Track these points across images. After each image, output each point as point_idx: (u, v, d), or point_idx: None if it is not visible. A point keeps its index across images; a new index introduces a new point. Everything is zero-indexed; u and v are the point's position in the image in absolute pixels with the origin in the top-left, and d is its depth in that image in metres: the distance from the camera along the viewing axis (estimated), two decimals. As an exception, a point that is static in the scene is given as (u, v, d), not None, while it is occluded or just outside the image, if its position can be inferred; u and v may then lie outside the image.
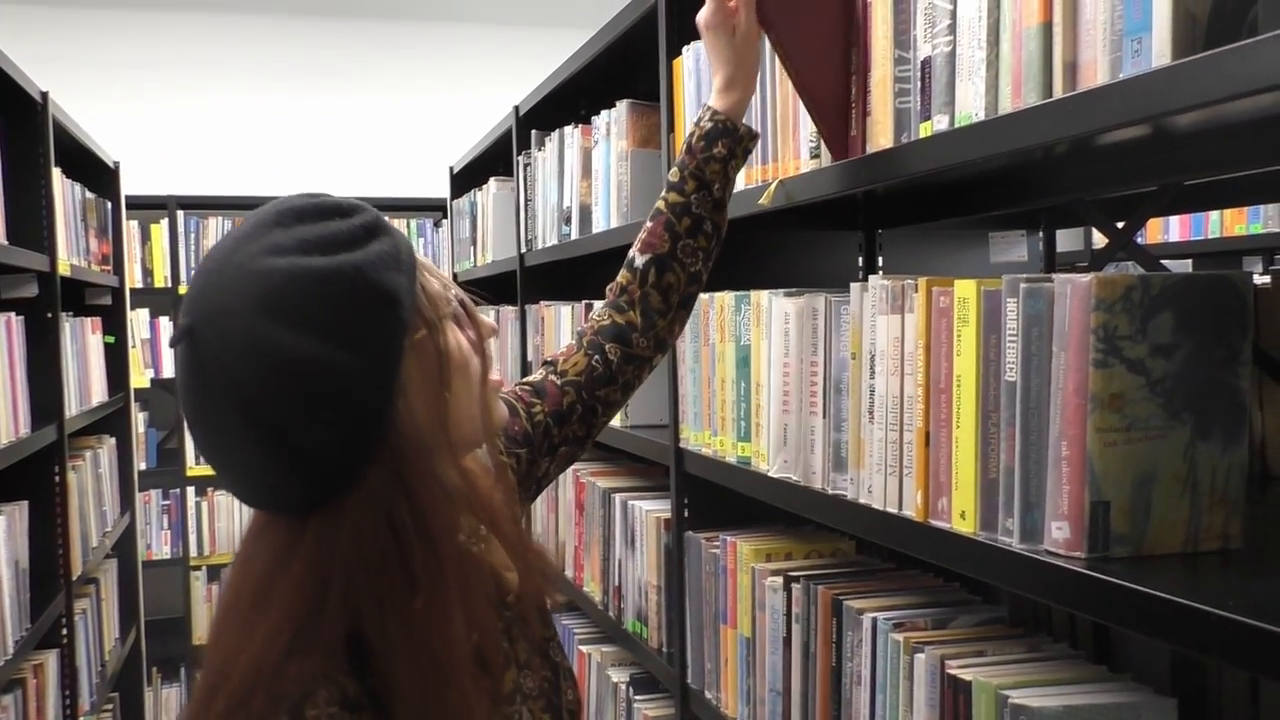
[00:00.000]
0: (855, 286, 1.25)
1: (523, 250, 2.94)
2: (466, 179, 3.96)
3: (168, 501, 4.62)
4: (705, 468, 1.74)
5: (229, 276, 0.83)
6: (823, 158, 1.33)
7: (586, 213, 2.38)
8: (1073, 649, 1.25)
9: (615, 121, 2.18)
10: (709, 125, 1.30)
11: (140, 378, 4.43)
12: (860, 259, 1.86)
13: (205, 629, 4.58)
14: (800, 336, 1.41)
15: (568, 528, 2.58)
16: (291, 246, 0.84)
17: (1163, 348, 0.93)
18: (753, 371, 1.56)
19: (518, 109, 2.96)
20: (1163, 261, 1.49)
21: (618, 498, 2.22)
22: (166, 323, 4.58)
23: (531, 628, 1.04)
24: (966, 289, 1.06)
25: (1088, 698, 1.07)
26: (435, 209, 4.80)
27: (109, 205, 3.79)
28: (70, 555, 2.75)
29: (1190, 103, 0.76)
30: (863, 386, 1.25)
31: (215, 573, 4.66)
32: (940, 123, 1.10)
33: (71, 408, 2.87)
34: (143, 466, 4.40)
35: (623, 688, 2.24)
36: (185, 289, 3.62)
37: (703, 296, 1.71)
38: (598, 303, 2.10)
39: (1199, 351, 0.94)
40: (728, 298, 1.62)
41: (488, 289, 3.75)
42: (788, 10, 1.26)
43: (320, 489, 0.84)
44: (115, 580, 3.72)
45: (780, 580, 1.52)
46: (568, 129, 2.47)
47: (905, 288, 1.16)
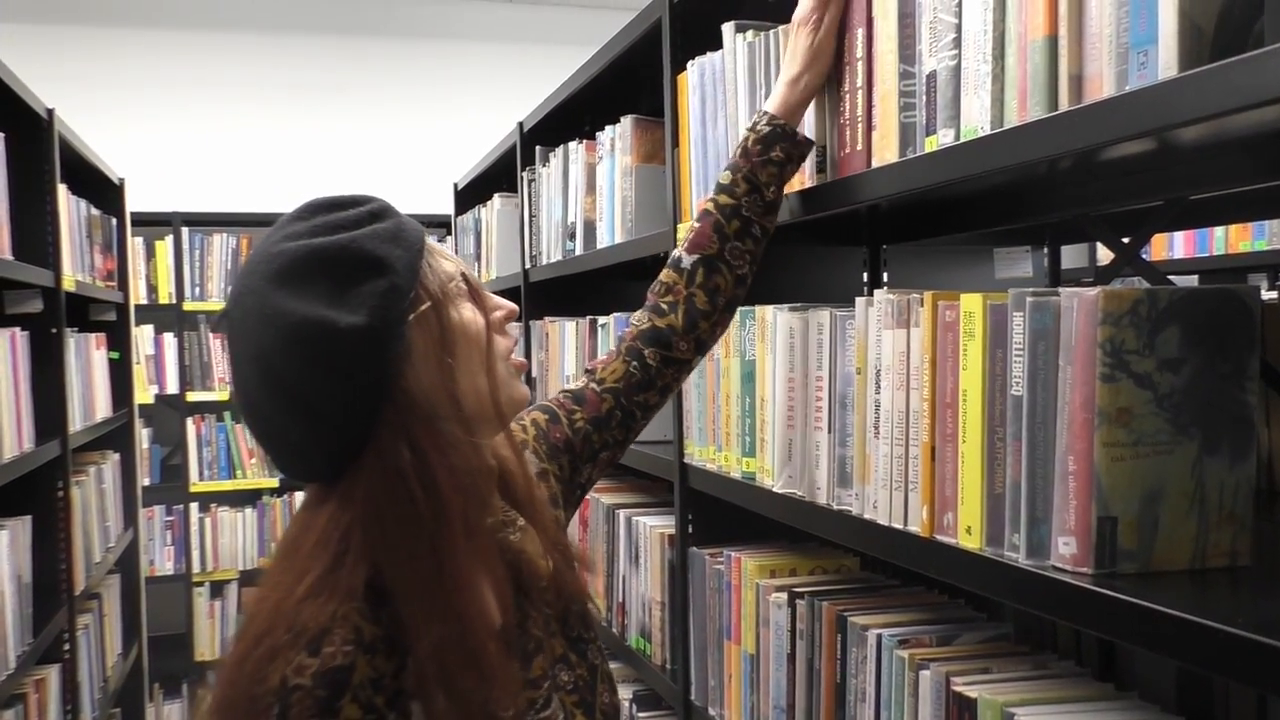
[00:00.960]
0: (860, 301, 1.25)
1: (527, 266, 2.94)
2: (471, 195, 3.96)
3: (171, 518, 4.61)
4: (710, 483, 1.73)
5: (253, 263, 0.95)
6: (828, 172, 1.33)
7: (591, 228, 2.38)
8: (1078, 666, 1.24)
9: (620, 137, 2.18)
10: (766, 129, 1.31)
11: (144, 394, 4.42)
12: (864, 274, 1.86)
13: (208, 645, 4.57)
14: (805, 351, 1.41)
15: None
16: (304, 232, 0.95)
17: (1170, 362, 0.93)
18: (757, 387, 1.56)
19: (522, 125, 2.97)
20: (1168, 278, 1.48)
21: (622, 514, 2.21)
22: (171, 339, 4.58)
23: (571, 625, 1.10)
24: (972, 303, 1.05)
25: (1094, 716, 1.07)
26: (440, 225, 4.81)
27: (114, 221, 3.80)
28: (73, 570, 2.74)
29: (1198, 115, 0.76)
30: (868, 401, 1.25)
31: (218, 589, 4.65)
32: (946, 137, 1.10)
33: (75, 423, 2.87)
34: (146, 482, 4.39)
35: (626, 705, 2.23)
36: (190, 305, 3.61)
37: (707, 311, 1.70)
38: (602, 317, 2.10)
39: (1206, 366, 0.94)
40: (732, 313, 1.62)
41: (492, 305, 3.75)
42: None
43: (340, 451, 0.93)
44: (118, 596, 3.71)
45: (784, 596, 1.51)
46: (572, 145, 2.47)
47: (911, 302, 1.15)
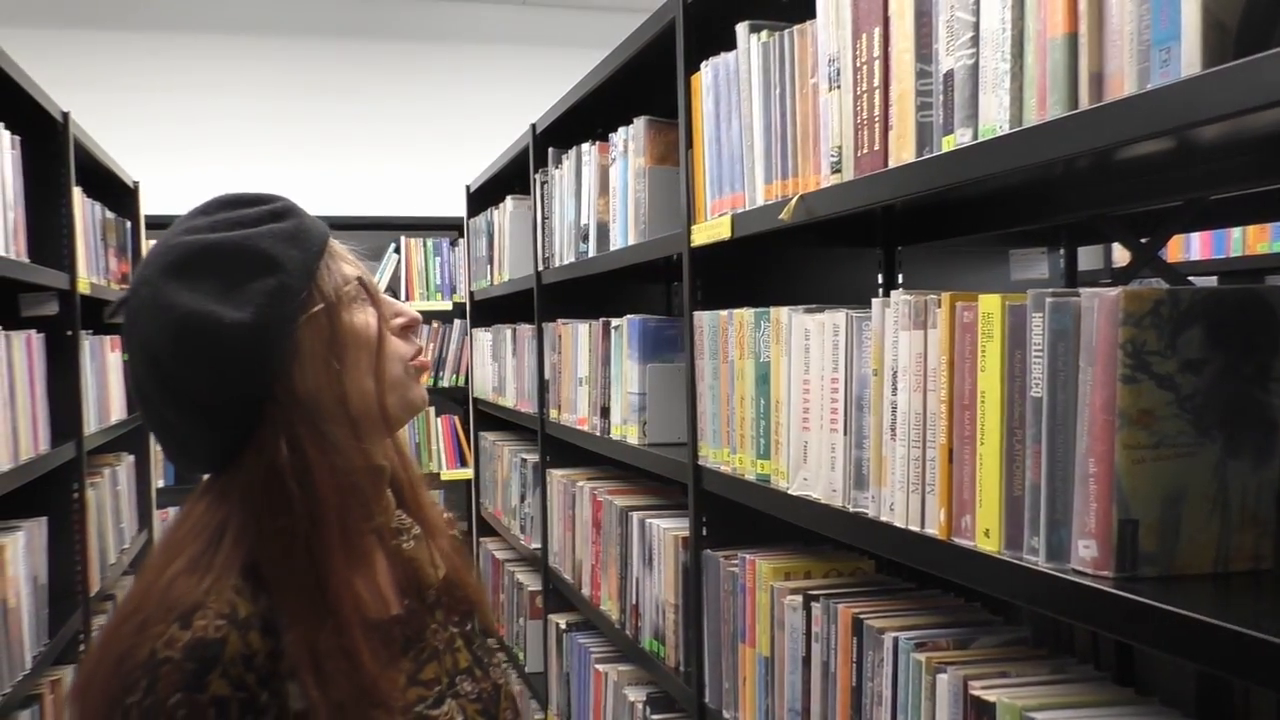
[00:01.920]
0: (877, 302, 1.24)
1: (540, 268, 2.94)
2: (483, 198, 3.97)
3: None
4: (724, 485, 1.73)
5: (152, 254, 0.97)
6: (844, 172, 1.33)
7: (604, 230, 2.38)
8: (1097, 670, 1.23)
9: (633, 138, 2.18)
10: None
11: (158, 395, 4.43)
12: (879, 276, 1.85)
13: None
14: (821, 353, 1.40)
15: (584, 546, 2.57)
16: (203, 227, 0.97)
17: (1192, 363, 0.92)
18: (772, 389, 1.55)
19: (535, 127, 2.97)
20: (1188, 279, 1.47)
21: (635, 516, 2.20)
22: (185, 341, 4.59)
23: (474, 641, 1.13)
24: (991, 304, 1.05)
25: (1115, 720, 1.06)
26: (452, 228, 4.81)
27: (128, 224, 3.82)
28: (88, 572, 2.75)
29: (1222, 112, 0.75)
30: (884, 403, 1.24)
31: (231, 591, 4.65)
32: (963, 136, 1.09)
33: (90, 425, 2.88)
34: (161, 484, 4.40)
35: (639, 707, 2.22)
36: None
37: (721, 313, 1.70)
38: (615, 319, 2.09)
39: (1229, 367, 0.93)
40: (747, 314, 1.61)
41: (504, 307, 3.78)
42: None
43: (222, 446, 0.96)
44: (132, 598, 3.72)
45: (800, 599, 1.51)
46: (585, 146, 2.47)
47: (928, 303, 1.15)
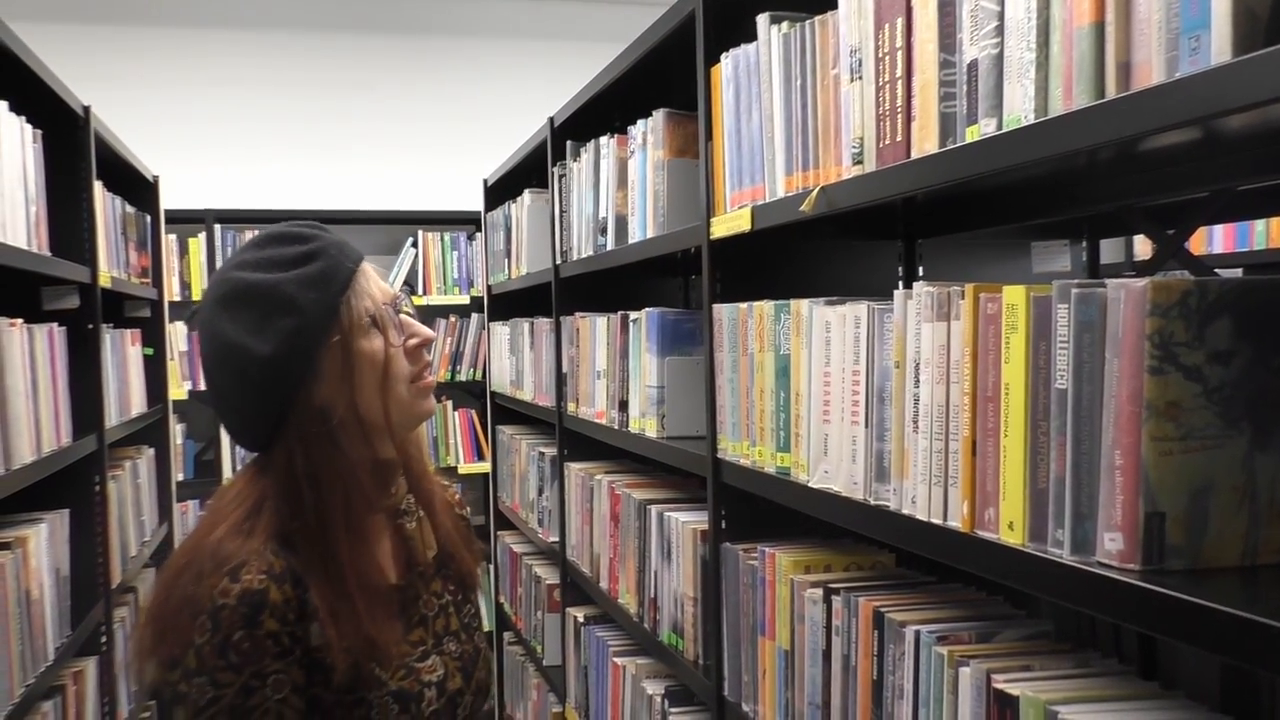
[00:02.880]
0: (899, 294, 1.24)
1: (558, 262, 2.94)
2: (501, 192, 3.97)
3: (204, 513, 4.64)
4: (743, 478, 1.72)
5: (215, 280, 1.23)
6: (866, 163, 1.32)
7: (622, 223, 2.38)
8: (1121, 664, 1.22)
9: (652, 131, 2.17)
10: None
11: (179, 390, 4.46)
12: (900, 269, 1.84)
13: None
14: (842, 345, 1.39)
15: (603, 539, 2.57)
16: (249, 263, 1.20)
17: (1220, 355, 0.91)
18: (792, 381, 1.55)
19: (553, 120, 2.97)
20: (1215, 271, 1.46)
21: (654, 509, 2.20)
22: (204, 335, 4.61)
23: (464, 611, 1.36)
24: (1015, 295, 1.04)
25: (1141, 715, 1.05)
26: (469, 222, 4.82)
27: (148, 219, 3.84)
28: (110, 564, 2.77)
29: (1253, 100, 0.74)
30: (906, 395, 1.23)
31: (250, 583, 4.67)
32: (988, 126, 1.08)
33: (111, 418, 2.90)
34: (180, 477, 4.43)
35: (658, 700, 2.22)
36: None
37: (740, 306, 1.70)
38: (634, 313, 2.09)
39: (1258, 359, 0.92)
40: (767, 307, 1.61)
41: (522, 301, 3.78)
42: None
43: (257, 440, 1.22)
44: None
45: (820, 592, 1.50)
46: (603, 139, 2.46)
47: (951, 294, 1.14)
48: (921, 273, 1.78)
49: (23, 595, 2.11)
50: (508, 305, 3.94)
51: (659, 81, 2.27)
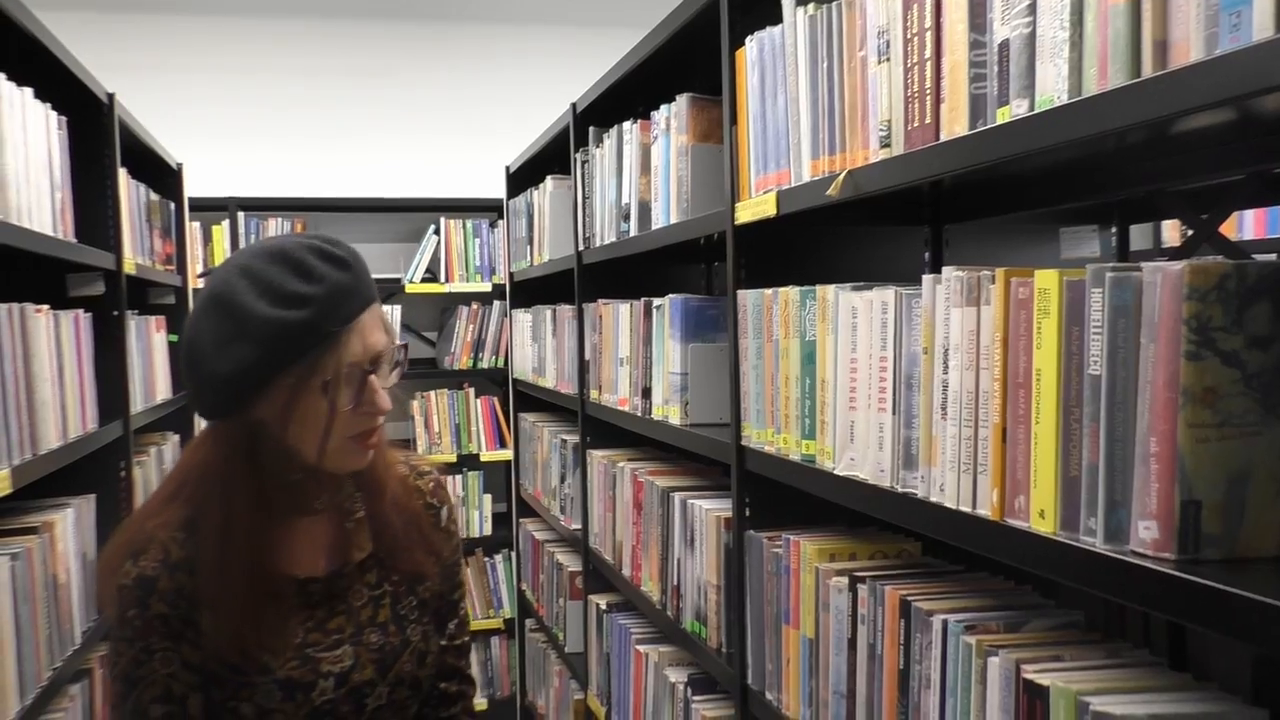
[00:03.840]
0: (928, 279, 1.22)
1: (580, 248, 2.93)
2: (523, 179, 3.96)
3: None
4: (768, 466, 1.71)
5: (231, 262, 1.26)
6: (894, 146, 1.30)
7: (645, 209, 2.36)
8: (1152, 655, 1.20)
9: (675, 116, 2.16)
10: None
11: (202, 376, 4.48)
12: (926, 254, 1.82)
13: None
14: (869, 331, 1.38)
15: (625, 527, 2.56)
16: (254, 273, 1.22)
17: (1260, 340, 0.89)
18: (818, 368, 1.53)
19: (575, 106, 2.96)
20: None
21: (677, 497, 2.19)
22: (228, 322, 4.63)
23: (402, 604, 1.39)
24: (1048, 279, 1.02)
25: (1174, 706, 1.03)
26: (491, 209, 4.81)
27: (172, 206, 3.85)
28: (135, 549, 2.78)
29: (1298, 77, 0.72)
30: (935, 382, 1.22)
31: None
32: (1019, 108, 1.06)
33: (137, 404, 2.91)
34: (204, 464, 4.45)
35: (680, 688, 2.22)
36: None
37: (765, 292, 1.68)
38: (657, 299, 2.06)
39: (1298, 344, 0.90)
40: (792, 293, 1.59)
41: (544, 288, 3.78)
42: None
43: (201, 413, 1.32)
44: (178, 575, 3.76)
45: (845, 581, 1.49)
46: (626, 124, 2.45)
47: (981, 279, 1.12)
48: (947, 259, 1.76)
49: (50, 579, 2.12)
50: (530, 292, 3.93)
51: (683, 66, 2.26)
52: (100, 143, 2.70)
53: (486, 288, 4.76)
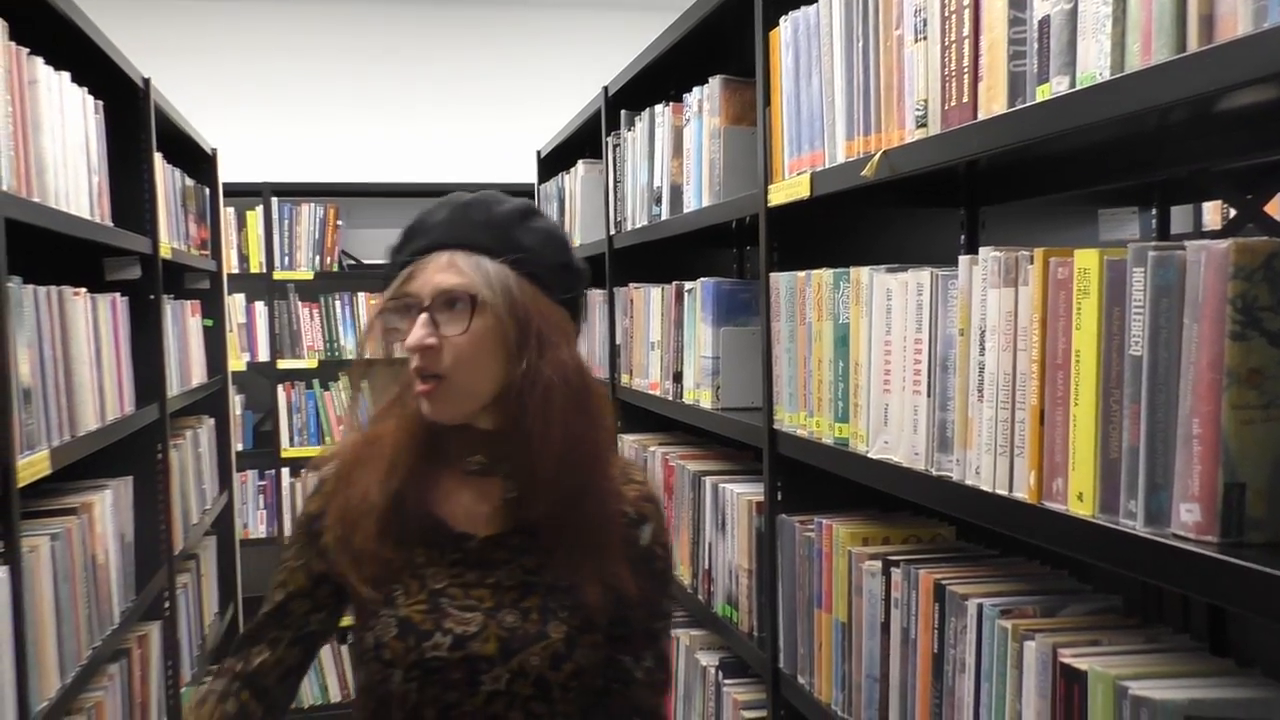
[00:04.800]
0: (964, 259, 1.21)
1: (611, 232, 2.92)
2: (554, 163, 3.96)
3: (264, 482, 4.72)
4: (800, 449, 1.70)
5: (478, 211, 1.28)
6: (930, 126, 1.28)
7: (677, 192, 2.36)
8: (1192, 640, 1.19)
9: (708, 98, 2.14)
10: None
11: (237, 361, 4.52)
12: (961, 237, 1.80)
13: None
14: (904, 313, 1.37)
15: (656, 511, 2.56)
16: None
17: (1307, 319, 0.87)
18: (851, 350, 1.52)
19: (607, 89, 2.95)
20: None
21: (708, 480, 2.19)
22: (262, 307, 4.67)
23: (559, 599, 1.26)
24: (1088, 259, 1.01)
25: (1215, 691, 1.02)
26: (523, 194, 4.80)
27: (207, 191, 3.88)
28: (172, 531, 2.82)
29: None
30: (971, 364, 1.21)
31: (308, 552, 4.74)
32: (1060, 85, 1.04)
33: (173, 388, 2.94)
34: (240, 447, 4.50)
35: (712, 672, 2.22)
36: (279, 274, 3.67)
37: (799, 274, 1.67)
38: (689, 283, 2.05)
39: (1346, 324, 0.88)
40: (825, 275, 1.58)
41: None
42: None
43: None
44: (214, 557, 3.81)
45: (879, 564, 1.48)
46: (658, 107, 2.44)
47: (1019, 259, 1.11)
48: (983, 241, 1.74)
49: (89, 559, 2.15)
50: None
51: (715, 48, 2.24)
52: (136, 127, 2.72)
53: (518, 272, 4.75)
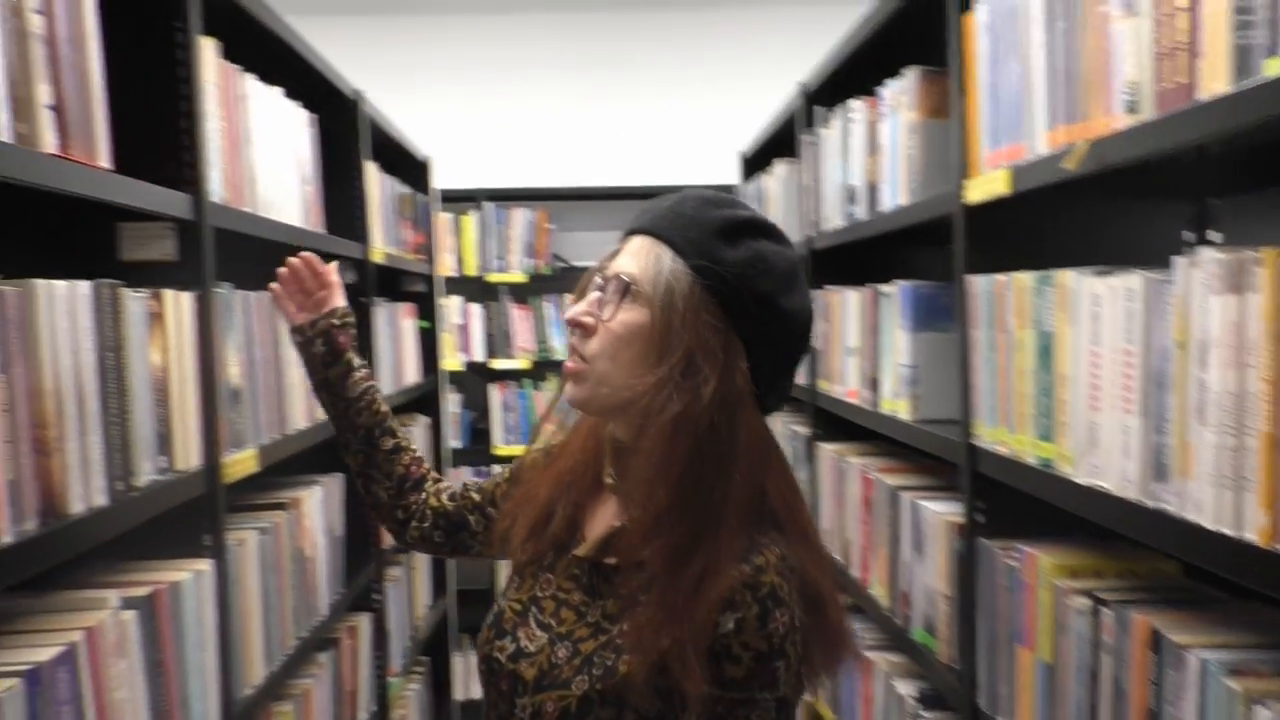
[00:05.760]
0: (1181, 262, 1.06)
1: (810, 234, 2.82)
2: (756, 163, 3.89)
3: (477, 479, 4.88)
4: (1000, 469, 1.56)
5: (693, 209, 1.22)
6: (1142, 111, 1.13)
7: (874, 191, 2.23)
8: None
9: (904, 91, 2.02)
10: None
11: (453, 361, 4.70)
12: (1188, 234, 1.60)
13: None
14: (1113, 322, 1.22)
15: (854, 526, 2.45)
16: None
17: None
18: (1055, 362, 1.38)
19: (804, 87, 2.85)
20: None
21: (906, 497, 2.06)
22: (477, 309, 4.83)
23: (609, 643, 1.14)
24: (1330, 262, 0.85)
25: None
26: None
27: (423, 198, 4.03)
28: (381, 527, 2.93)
29: None
30: (1190, 381, 1.05)
31: (519, 548, 4.87)
32: (1296, 57, 0.89)
33: (386, 387, 3.06)
34: (455, 445, 4.66)
35: (910, 701, 2.09)
36: (492, 277, 3.77)
37: (999, 278, 1.54)
38: (885, 286, 1.94)
39: None
40: (1026, 279, 1.44)
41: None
42: None
43: None
44: (427, 551, 3.95)
45: (1087, 602, 1.33)
46: (853, 103, 2.33)
47: (1245, 262, 0.95)
48: (1216, 238, 1.54)
49: (297, 552, 2.25)
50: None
51: (914, 38, 2.11)
52: (348, 139, 2.85)
53: (721, 274, 4.71)
